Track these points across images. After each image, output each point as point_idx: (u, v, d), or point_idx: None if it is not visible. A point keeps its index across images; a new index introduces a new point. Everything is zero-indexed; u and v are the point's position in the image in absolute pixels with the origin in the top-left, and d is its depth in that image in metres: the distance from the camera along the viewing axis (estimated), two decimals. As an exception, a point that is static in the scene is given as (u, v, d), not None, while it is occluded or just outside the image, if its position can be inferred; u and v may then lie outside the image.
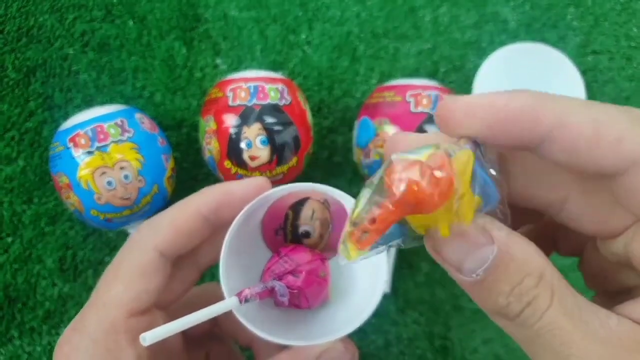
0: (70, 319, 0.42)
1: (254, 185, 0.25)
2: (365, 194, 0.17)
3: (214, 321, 0.30)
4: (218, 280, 0.24)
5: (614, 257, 0.19)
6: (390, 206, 0.16)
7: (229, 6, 0.48)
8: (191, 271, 0.28)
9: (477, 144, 0.18)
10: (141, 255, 0.24)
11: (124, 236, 0.43)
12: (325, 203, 0.26)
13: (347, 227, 0.17)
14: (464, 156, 0.17)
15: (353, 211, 0.17)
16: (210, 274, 0.38)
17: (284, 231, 0.27)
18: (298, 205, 0.26)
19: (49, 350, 0.42)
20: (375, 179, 0.17)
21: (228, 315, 0.23)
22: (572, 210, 0.19)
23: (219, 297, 0.29)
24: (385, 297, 0.45)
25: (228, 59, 0.47)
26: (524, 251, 0.17)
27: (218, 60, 0.47)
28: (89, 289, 0.43)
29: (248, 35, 0.47)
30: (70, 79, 0.46)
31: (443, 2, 0.49)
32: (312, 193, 0.26)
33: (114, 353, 0.22)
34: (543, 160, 0.18)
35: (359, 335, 0.44)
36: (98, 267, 0.43)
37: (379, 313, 0.45)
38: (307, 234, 0.27)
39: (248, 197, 0.24)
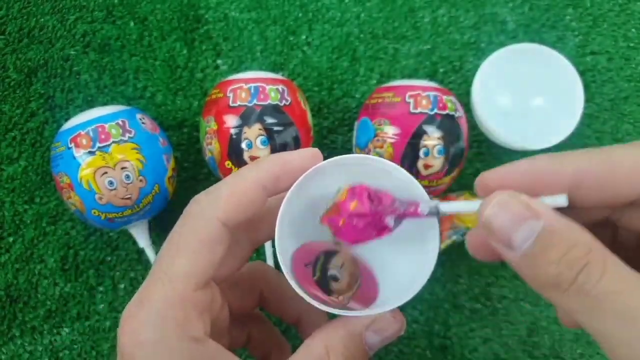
0: (72, 319, 0.43)
1: (309, 155, 0.25)
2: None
3: (259, 299, 0.31)
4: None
5: None
6: None
7: (230, 7, 0.48)
8: (245, 246, 0.27)
9: None
10: (204, 227, 0.23)
11: (125, 236, 0.44)
12: (355, 260, 0.27)
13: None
14: None
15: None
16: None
17: (314, 268, 0.27)
18: (330, 253, 0.27)
19: (50, 350, 0.42)
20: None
21: (274, 291, 0.23)
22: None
23: (268, 276, 0.30)
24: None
25: (229, 60, 0.47)
26: (569, 226, 0.19)
27: (219, 61, 0.47)
28: (90, 288, 0.43)
29: (248, 36, 0.48)
30: (72, 80, 0.46)
31: (442, 3, 0.49)
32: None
33: (183, 327, 0.22)
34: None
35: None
36: (99, 266, 0.44)
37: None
38: (335, 278, 0.27)
39: (305, 166, 0.24)
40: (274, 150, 0.38)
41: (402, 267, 0.27)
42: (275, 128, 0.38)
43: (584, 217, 0.22)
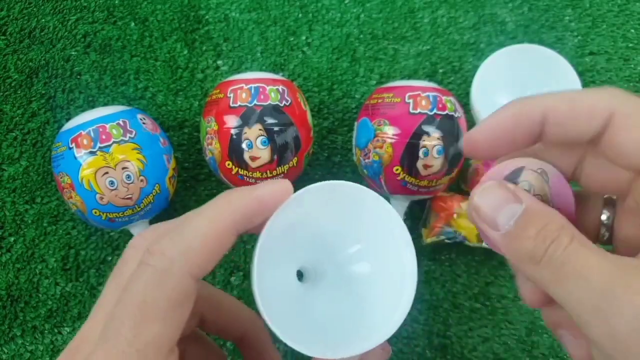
0: (73, 318, 0.43)
1: (281, 191, 0.23)
2: None
3: (198, 319, 0.28)
4: None
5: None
6: None
7: (230, 8, 0.48)
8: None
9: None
10: (176, 285, 0.20)
11: (126, 235, 0.44)
12: (543, 174, 0.24)
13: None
14: None
15: None
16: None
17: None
18: (512, 178, 0.24)
19: (51, 349, 0.42)
20: None
21: (215, 311, 0.21)
22: (585, 175, 0.24)
23: (210, 297, 0.27)
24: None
25: (229, 61, 0.48)
26: (546, 208, 0.21)
27: (219, 62, 0.48)
28: (91, 287, 0.43)
29: (249, 37, 0.48)
30: (73, 80, 0.46)
31: (442, 3, 0.49)
32: (521, 162, 0.24)
33: None
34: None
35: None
36: (100, 266, 0.44)
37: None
38: None
39: (277, 204, 0.22)
40: (274, 150, 0.38)
41: (380, 302, 0.25)
42: (276, 128, 0.38)
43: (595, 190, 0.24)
